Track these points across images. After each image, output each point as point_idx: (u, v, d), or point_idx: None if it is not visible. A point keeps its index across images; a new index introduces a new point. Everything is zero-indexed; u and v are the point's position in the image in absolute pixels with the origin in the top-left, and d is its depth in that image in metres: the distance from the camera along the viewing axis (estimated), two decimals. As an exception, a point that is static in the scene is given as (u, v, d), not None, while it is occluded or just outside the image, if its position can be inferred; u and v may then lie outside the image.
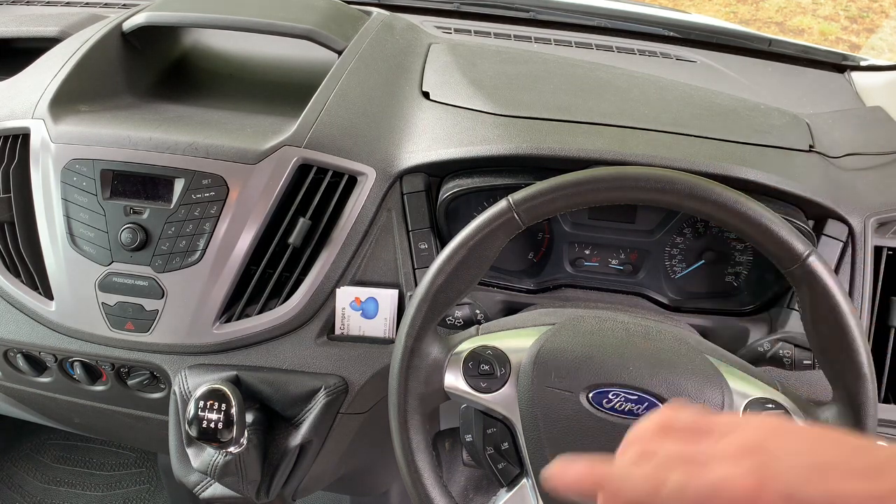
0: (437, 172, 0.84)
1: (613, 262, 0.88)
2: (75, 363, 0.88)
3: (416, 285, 0.77)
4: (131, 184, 0.81)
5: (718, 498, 0.33)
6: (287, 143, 0.79)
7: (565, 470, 0.42)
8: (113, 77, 0.94)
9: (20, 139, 0.85)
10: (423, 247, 0.83)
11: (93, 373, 0.89)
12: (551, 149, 0.79)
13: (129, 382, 0.88)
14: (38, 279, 0.85)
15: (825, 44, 3.01)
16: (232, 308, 0.82)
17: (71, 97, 0.87)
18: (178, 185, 0.80)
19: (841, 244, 0.80)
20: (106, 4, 1.25)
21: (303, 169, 0.80)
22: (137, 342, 0.83)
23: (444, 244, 0.79)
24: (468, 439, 0.71)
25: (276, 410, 0.84)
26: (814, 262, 0.59)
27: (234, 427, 0.74)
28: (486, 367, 0.66)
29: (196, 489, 0.86)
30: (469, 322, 0.79)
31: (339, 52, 0.93)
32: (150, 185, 0.80)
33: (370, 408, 0.87)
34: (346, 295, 0.82)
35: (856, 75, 1.20)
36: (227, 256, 0.79)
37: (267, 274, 0.82)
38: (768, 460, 0.33)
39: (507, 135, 0.82)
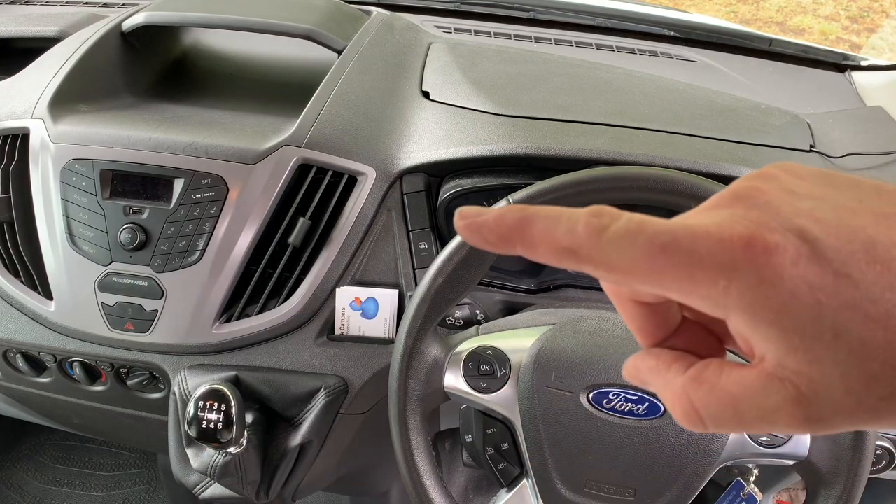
0: (438, 172, 0.84)
1: None
2: (75, 363, 0.88)
3: (416, 285, 0.77)
4: (131, 184, 0.81)
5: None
6: (287, 143, 0.79)
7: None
8: (112, 77, 0.94)
9: (19, 139, 0.84)
10: (423, 247, 0.82)
11: (92, 373, 0.89)
12: (551, 149, 0.79)
13: (129, 383, 0.88)
14: (37, 279, 0.85)
15: (826, 43, 3.01)
16: (232, 308, 0.82)
17: (70, 97, 0.87)
18: (178, 185, 0.79)
19: None
20: (106, 4, 1.25)
21: (303, 169, 0.80)
22: (137, 342, 0.83)
23: (444, 244, 0.79)
24: (468, 439, 0.71)
25: (276, 410, 0.84)
26: None
27: (234, 427, 0.74)
28: (486, 368, 0.66)
29: (196, 489, 0.85)
30: (469, 322, 0.79)
31: (339, 52, 0.93)
32: (150, 185, 0.80)
33: (370, 408, 0.87)
34: (345, 295, 0.82)
35: (856, 75, 1.20)
36: (226, 256, 0.79)
37: (267, 274, 0.82)
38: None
39: (507, 135, 0.81)
